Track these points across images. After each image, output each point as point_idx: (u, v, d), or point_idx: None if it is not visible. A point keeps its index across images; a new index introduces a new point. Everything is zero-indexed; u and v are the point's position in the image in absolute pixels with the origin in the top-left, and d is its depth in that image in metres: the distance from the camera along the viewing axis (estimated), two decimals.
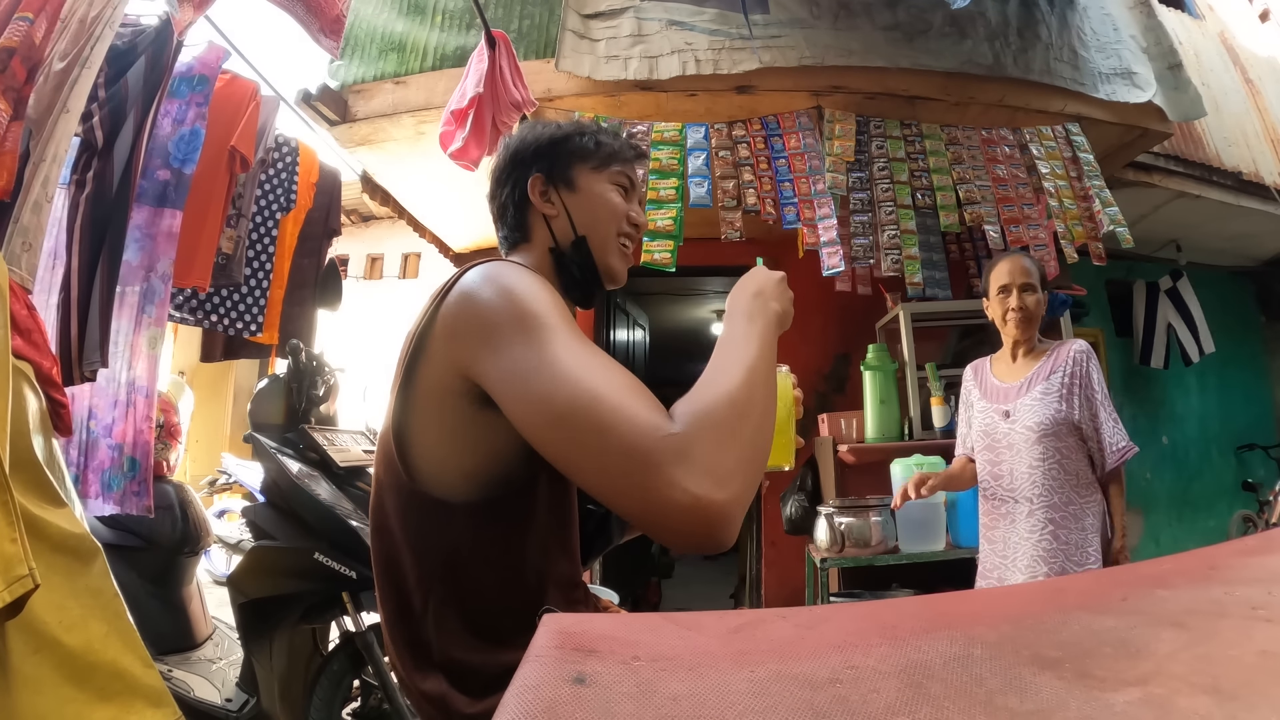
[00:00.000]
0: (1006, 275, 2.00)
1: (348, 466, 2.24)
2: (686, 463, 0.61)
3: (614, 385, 0.67)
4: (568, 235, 0.98)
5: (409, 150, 3.34)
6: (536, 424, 0.69)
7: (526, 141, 1.01)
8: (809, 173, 3.04)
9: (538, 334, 0.71)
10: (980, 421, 2.06)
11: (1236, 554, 0.66)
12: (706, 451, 0.63)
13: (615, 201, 1.00)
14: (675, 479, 0.61)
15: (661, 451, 0.62)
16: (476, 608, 0.83)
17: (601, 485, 0.65)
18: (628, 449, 0.62)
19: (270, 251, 2.95)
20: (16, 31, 1.41)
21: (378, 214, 6.56)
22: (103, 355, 1.83)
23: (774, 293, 0.85)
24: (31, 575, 0.96)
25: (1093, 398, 1.89)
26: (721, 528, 0.62)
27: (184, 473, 4.89)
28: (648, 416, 0.64)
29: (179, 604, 2.63)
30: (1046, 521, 1.87)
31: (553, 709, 0.32)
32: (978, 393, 2.10)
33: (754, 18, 2.98)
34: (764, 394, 0.72)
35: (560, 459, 0.68)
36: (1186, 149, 4.25)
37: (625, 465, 0.62)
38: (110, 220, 1.85)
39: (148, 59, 1.96)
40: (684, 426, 0.64)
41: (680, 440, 0.62)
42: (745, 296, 0.84)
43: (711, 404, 0.67)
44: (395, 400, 0.84)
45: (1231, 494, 5.07)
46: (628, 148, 1.03)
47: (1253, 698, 0.32)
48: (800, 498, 3.26)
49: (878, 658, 0.39)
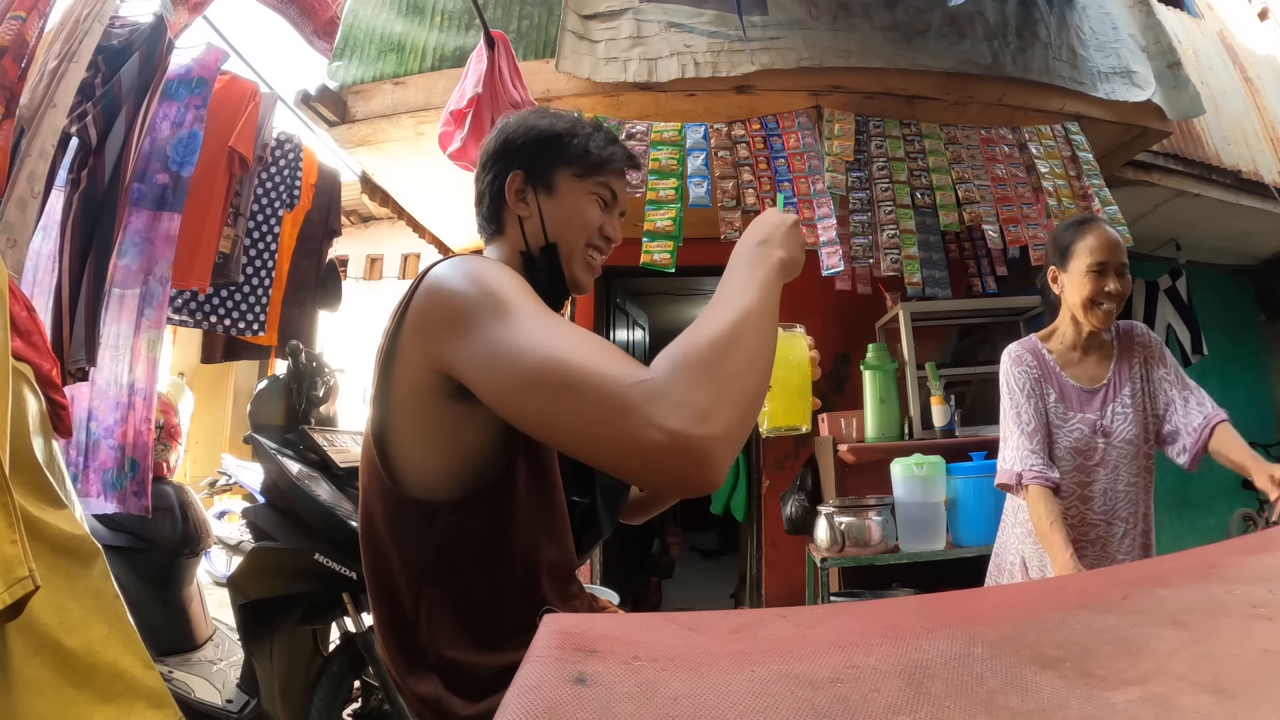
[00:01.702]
0: (1105, 251, 1.62)
1: (348, 467, 2.24)
2: (662, 401, 0.59)
3: (582, 346, 0.65)
4: (538, 239, 0.97)
5: (408, 151, 3.33)
6: (508, 395, 0.67)
7: (517, 132, 1.00)
8: (808, 172, 3.03)
9: (503, 313, 0.70)
10: (1066, 435, 1.67)
11: (1237, 553, 0.66)
12: (682, 387, 0.60)
13: (590, 215, 0.98)
14: (651, 418, 0.58)
15: (634, 395, 0.60)
16: (468, 608, 0.83)
17: (580, 441, 0.63)
18: (599, 398, 0.60)
19: (272, 249, 2.95)
20: (9, 30, 1.42)
21: (377, 214, 6.56)
22: (89, 354, 1.81)
23: (780, 239, 0.81)
24: (32, 577, 0.96)
25: (1173, 381, 1.65)
26: (706, 464, 0.59)
27: (184, 474, 4.89)
28: (619, 368, 0.62)
29: (179, 605, 2.63)
30: (1144, 543, 1.65)
31: (554, 709, 0.32)
32: (1053, 393, 1.69)
33: (752, 19, 2.98)
34: (754, 338, 0.67)
35: (536, 425, 0.66)
36: (1186, 148, 4.24)
37: (599, 413, 0.60)
38: (100, 218, 1.84)
39: (141, 55, 1.96)
40: (659, 370, 0.62)
41: (653, 383, 0.60)
42: (749, 244, 0.80)
43: (689, 346, 0.64)
44: (374, 404, 0.84)
45: (1231, 493, 5.06)
46: (620, 156, 1.02)
47: (1253, 696, 0.32)
48: (800, 497, 3.26)
49: (879, 657, 0.39)
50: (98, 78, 1.92)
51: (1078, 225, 1.70)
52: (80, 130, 1.86)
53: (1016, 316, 3.68)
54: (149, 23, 2.02)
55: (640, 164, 1.47)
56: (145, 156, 2.23)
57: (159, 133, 2.26)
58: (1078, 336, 1.70)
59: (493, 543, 0.83)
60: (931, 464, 2.59)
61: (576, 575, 0.96)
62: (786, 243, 0.81)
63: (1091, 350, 1.71)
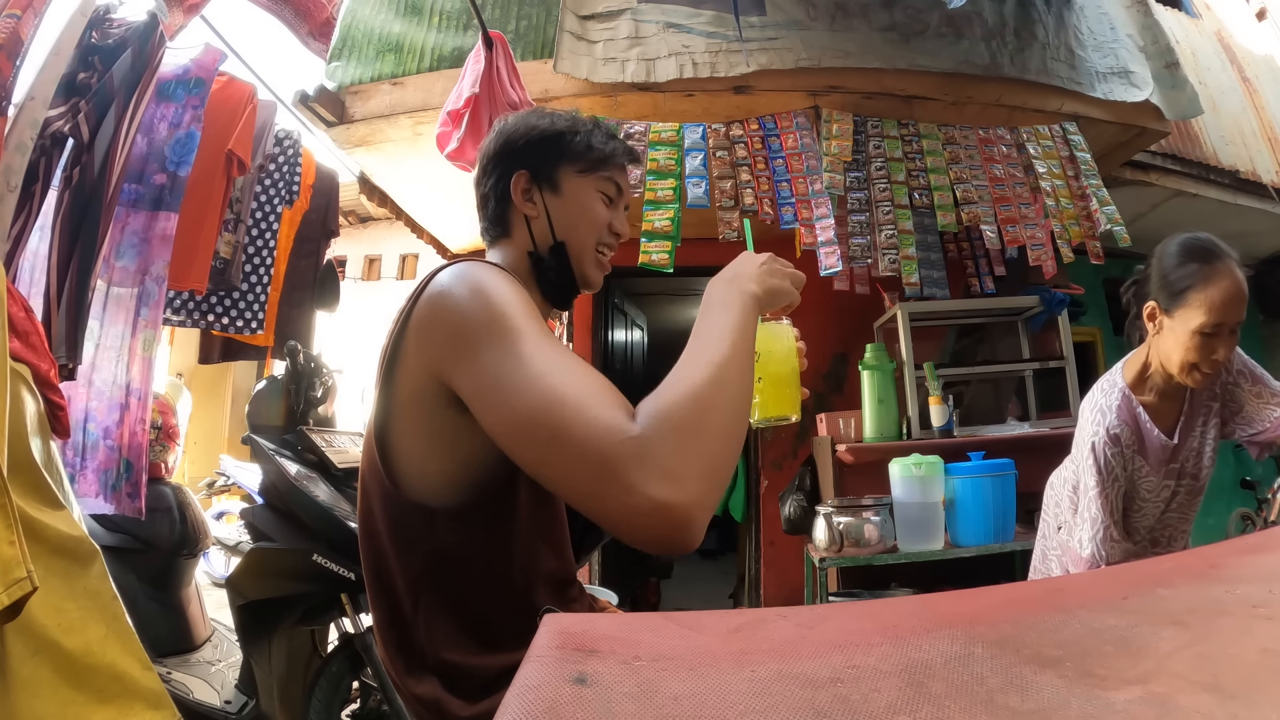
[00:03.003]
0: (1227, 310, 1.34)
1: (346, 468, 2.24)
2: (644, 467, 0.60)
3: (577, 387, 0.66)
4: (546, 239, 0.97)
5: (406, 151, 3.33)
6: (504, 432, 0.69)
7: (518, 133, 0.99)
8: (806, 173, 3.04)
9: (504, 339, 0.71)
10: (1145, 489, 1.48)
11: (1236, 552, 0.66)
12: (666, 453, 0.61)
13: (598, 211, 0.98)
14: (634, 484, 0.60)
15: (619, 457, 0.61)
16: (466, 610, 0.83)
17: (566, 492, 0.65)
18: (586, 455, 0.62)
19: (271, 247, 2.94)
20: (5, 28, 1.42)
21: (375, 215, 6.57)
22: (69, 351, 1.79)
23: (751, 275, 0.81)
24: (30, 578, 0.96)
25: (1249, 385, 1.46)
26: (684, 530, 0.61)
27: (182, 475, 4.88)
28: (608, 419, 0.63)
29: (178, 606, 2.62)
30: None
31: (554, 709, 0.32)
32: (1141, 462, 1.46)
33: (751, 19, 2.98)
34: (734, 390, 0.69)
35: (527, 466, 0.68)
36: (1184, 148, 4.25)
37: (585, 472, 0.62)
38: (86, 213, 1.83)
39: (133, 51, 1.96)
40: (644, 428, 0.63)
41: (638, 443, 0.61)
42: (719, 285, 0.80)
43: (674, 402, 0.65)
44: (376, 404, 0.84)
45: (1230, 492, 5.07)
46: (621, 150, 1.02)
47: (1254, 695, 0.32)
48: (799, 497, 3.27)
49: (879, 657, 0.39)
50: (93, 76, 1.92)
51: (1202, 264, 1.37)
52: (73, 128, 1.85)
53: (1014, 316, 3.68)
54: (142, 20, 2.02)
55: (640, 157, 1.47)
56: (143, 157, 2.22)
57: (156, 133, 2.26)
58: (1167, 385, 1.45)
59: (493, 551, 0.83)
60: (930, 464, 2.59)
61: (577, 578, 0.96)
62: (759, 278, 0.82)
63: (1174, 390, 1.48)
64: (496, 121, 1.03)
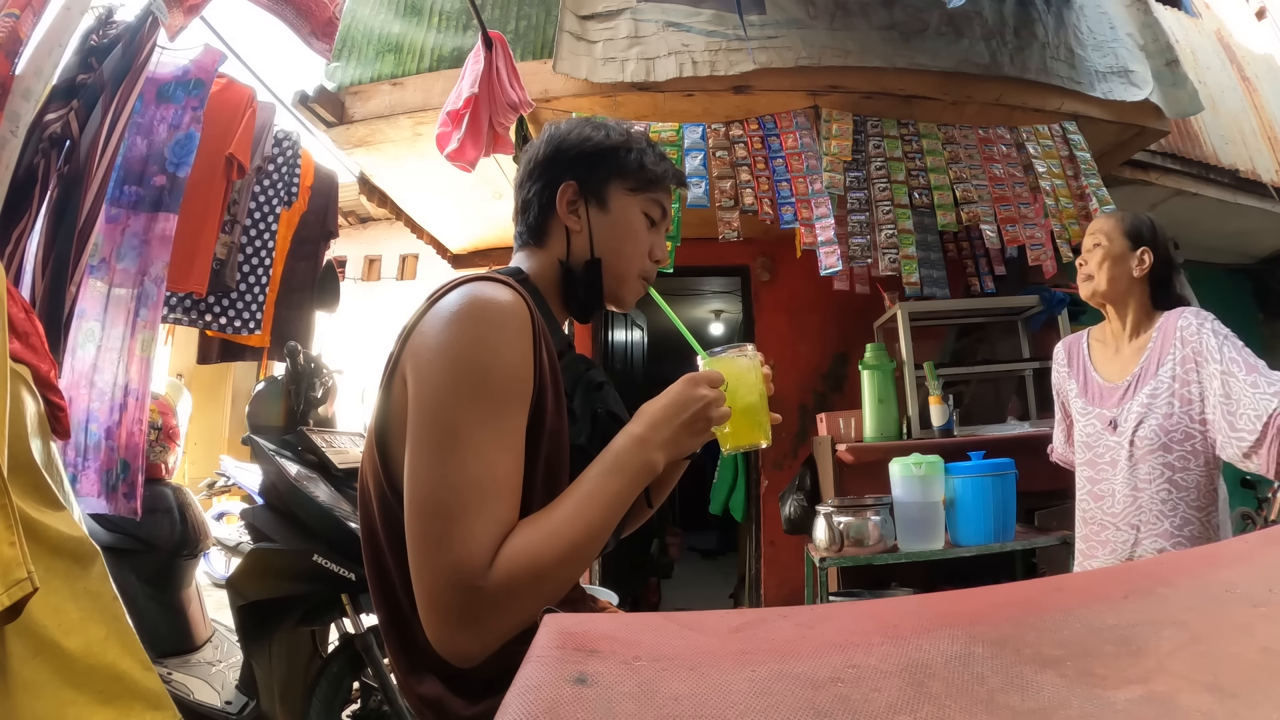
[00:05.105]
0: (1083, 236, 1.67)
1: (346, 468, 2.24)
2: (463, 618, 0.69)
3: (473, 504, 0.71)
4: (584, 254, 0.94)
5: (406, 151, 3.33)
6: (406, 491, 0.75)
7: (570, 141, 0.96)
8: (806, 172, 3.04)
9: (455, 417, 0.74)
10: (1081, 429, 1.64)
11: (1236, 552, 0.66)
12: (493, 616, 0.70)
13: (640, 232, 0.96)
14: (448, 619, 0.70)
15: (451, 601, 0.70)
16: None
17: (412, 572, 0.73)
18: (437, 573, 0.70)
19: (269, 248, 2.94)
20: (4, 27, 1.42)
21: (375, 215, 6.57)
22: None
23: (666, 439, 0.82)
24: (30, 579, 0.96)
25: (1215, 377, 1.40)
26: (462, 664, 0.72)
27: (182, 475, 4.88)
28: (470, 555, 0.69)
29: (178, 607, 2.63)
30: (1156, 554, 1.46)
31: (554, 709, 0.32)
32: (1075, 387, 1.68)
33: (750, 18, 2.98)
34: (591, 551, 0.77)
35: (406, 532, 0.74)
36: (1183, 147, 4.25)
37: (427, 582, 0.71)
38: (68, 206, 1.83)
39: (124, 44, 1.97)
40: (492, 582, 0.69)
41: (474, 597, 0.69)
42: (630, 436, 0.82)
43: (538, 560, 0.72)
44: (377, 408, 0.84)
45: (1230, 491, 5.06)
46: (671, 172, 0.99)
47: (1254, 695, 0.32)
48: (799, 497, 3.27)
49: (879, 656, 0.39)
50: (91, 77, 1.92)
51: None
52: (64, 126, 1.86)
53: (1014, 316, 3.68)
54: (136, 17, 2.03)
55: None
56: (143, 159, 2.23)
57: (156, 135, 2.26)
58: (1111, 324, 1.66)
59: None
60: (930, 464, 2.58)
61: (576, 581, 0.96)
62: (672, 441, 0.82)
63: (1127, 342, 1.61)
64: (547, 126, 0.99)
